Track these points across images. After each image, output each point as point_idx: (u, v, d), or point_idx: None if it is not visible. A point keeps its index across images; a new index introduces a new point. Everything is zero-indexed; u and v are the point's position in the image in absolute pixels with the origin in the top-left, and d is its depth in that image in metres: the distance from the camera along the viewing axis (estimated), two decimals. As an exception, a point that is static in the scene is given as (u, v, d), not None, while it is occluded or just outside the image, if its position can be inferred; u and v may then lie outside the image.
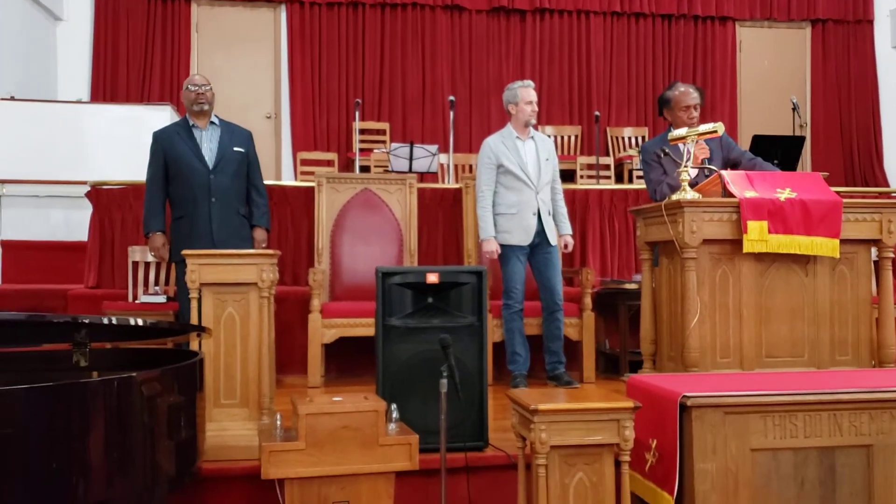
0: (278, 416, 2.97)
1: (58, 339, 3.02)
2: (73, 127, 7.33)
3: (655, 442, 2.94)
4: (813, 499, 2.84)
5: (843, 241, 3.90)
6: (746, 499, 2.79)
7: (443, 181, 7.90)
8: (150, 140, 4.72)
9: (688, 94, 4.54)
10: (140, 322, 2.83)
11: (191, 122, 4.68)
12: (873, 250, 4.12)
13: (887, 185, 9.42)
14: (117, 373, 2.48)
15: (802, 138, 7.38)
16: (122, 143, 7.06)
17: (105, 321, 2.69)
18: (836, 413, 2.87)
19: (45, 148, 7.10)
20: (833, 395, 2.87)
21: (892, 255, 4.08)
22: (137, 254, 5.51)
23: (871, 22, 9.82)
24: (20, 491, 2.18)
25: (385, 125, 9.01)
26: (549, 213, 4.92)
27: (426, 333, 3.45)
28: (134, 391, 2.41)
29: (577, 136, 9.19)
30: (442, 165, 7.92)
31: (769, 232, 3.78)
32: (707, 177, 4.23)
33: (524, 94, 4.90)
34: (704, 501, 2.76)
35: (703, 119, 4.67)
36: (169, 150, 4.63)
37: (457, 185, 6.19)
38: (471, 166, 8.17)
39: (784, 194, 3.85)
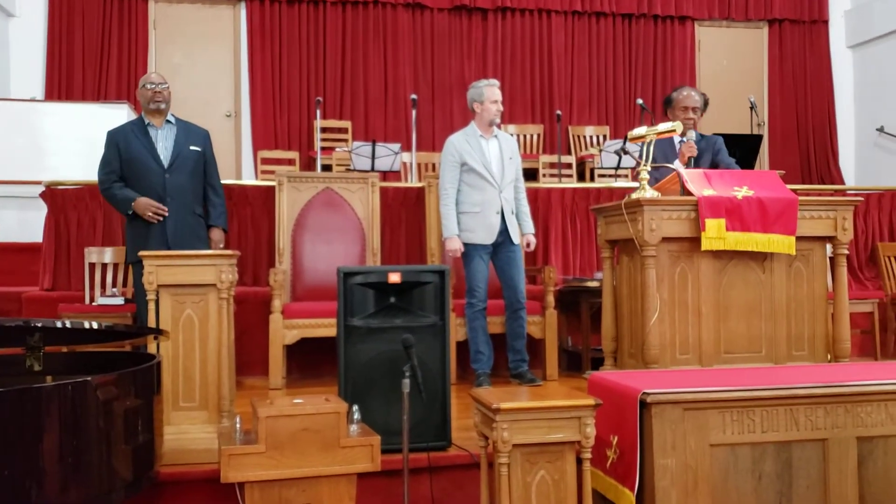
0: (238, 419, 2.94)
1: (10, 344, 2.95)
2: (28, 126, 7.19)
3: (616, 439, 2.97)
4: (770, 492, 2.88)
5: (798, 238, 3.97)
6: (706, 494, 2.82)
7: (405, 180, 7.88)
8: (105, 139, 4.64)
9: (690, 97, 4.67)
10: (95, 325, 2.78)
11: (146, 121, 4.61)
12: (828, 247, 4.20)
13: (843, 183, 9.59)
14: (72, 377, 2.44)
15: (760, 137, 7.51)
16: (78, 142, 6.94)
17: (59, 325, 2.64)
18: (792, 408, 2.91)
19: (-3, 147, 6.96)
20: (789, 391, 2.91)
21: (846, 251, 4.17)
22: (94, 255, 5.42)
23: (826, 22, 9.98)
24: (-29, 499, 2.14)
25: (347, 123, 8.96)
26: (513, 212, 4.93)
27: (388, 333, 3.44)
28: (89, 395, 2.37)
29: (539, 135, 9.22)
30: (404, 164, 7.91)
31: (727, 229, 3.84)
32: None
33: (490, 92, 4.90)
34: (664, 497, 2.78)
35: (665, 118, 4.75)
36: (124, 149, 4.56)
37: (420, 184, 6.18)
38: (434, 165, 8.16)
39: (741, 192, 3.91)
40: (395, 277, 3.46)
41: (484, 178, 4.84)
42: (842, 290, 4.17)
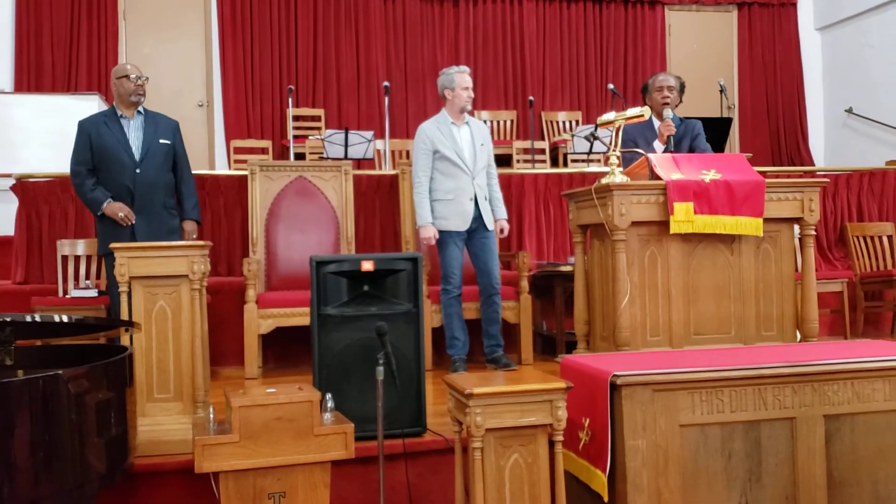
0: (212, 410, 2.95)
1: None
2: (-4, 118, 7.11)
3: (588, 421, 3.00)
4: (740, 471, 2.92)
5: (766, 220, 4.03)
6: (676, 474, 2.86)
7: (379, 167, 7.88)
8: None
9: (665, 79, 4.78)
10: (66, 318, 2.77)
11: (119, 112, 4.58)
12: (796, 228, 4.26)
13: (812, 164, 9.70)
14: (44, 371, 2.43)
15: (730, 120, 7.56)
16: (49, 134, 6.87)
17: (29, 318, 2.63)
18: (760, 387, 2.94)
19: (-34, 140, 6.88)
20: (757, 371, 2.95)
21: (813, 232, 4.23)
22: (67, 247, 5.38)
23: (794, 4, 10.07)
24: (-57, 495, 2.13)
25: (320, 111, 8.93)
26: (486, 199, 4.95)
27: (362, 321, 3.45)
28: (60, 389, 2.37)
29: (512, 121, 9.25)
30: (378, 151, 7.90)
31: (695, 213, 3.89)
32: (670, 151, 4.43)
33: (460, 79, 4.91)
34: (636, 478, 2.82)
35: (636, 102, 4.80)
36: (95, 140, 4.52)
37: (393, 172, 6.18)
38: (407, 152, 8.15)
39: (709, 176, 3.95)
40: (367, 266, 3.48)
41: (456, 165, 4.85)
42: (809, 270, 4.23)
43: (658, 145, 4.60)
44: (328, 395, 3.01)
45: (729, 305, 4.04)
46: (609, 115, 4.23)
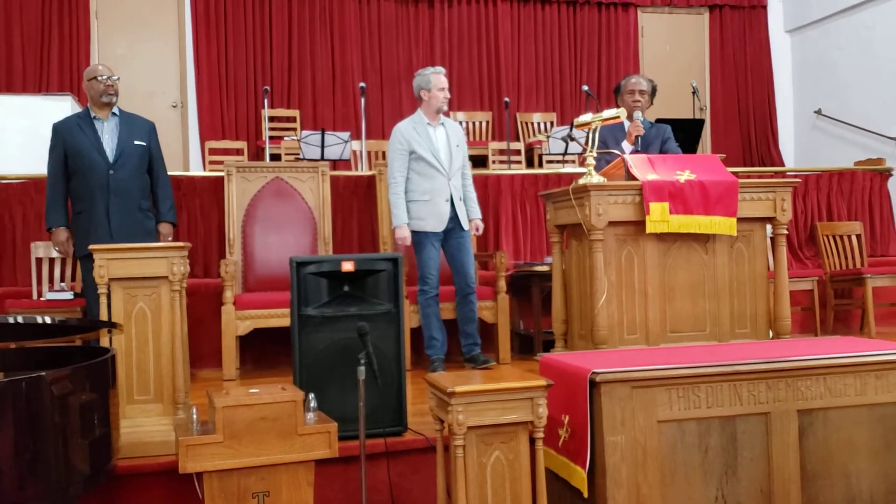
0: (194, 410, 2.95)
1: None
2: (-33, 119, 7.00)
3: (568, 418, 3.04)
4: (716, 465, 2.97)
5: (739, 220, 4.10)
6: (654, 468, 2.90)
7: (356, 168, 7.88)
8: (49, 132, 4.57)
9: (637, 82, 4.83)
10: (48, 320, 2.76)
11: (93, 114, 4.55)
12: (768, 227, 4.34)
13: (782, 165, 9.83)
14: (26, 373, 2.43)
15: (702, 121, 7.65)
16: (21, 135, 6.77)
17: (10, 320, 2.62)
18: (735, 384, 3.00)
19: (-64, 142, 6.77)
20: (733, 367, 3.01)
21: (785, 231, 4.31)
22: (41, 250, 5.33)
23: (764, 7, 10.20)
24: (-74, 498, 2.12)
25: (295, 112, 8.90)
26: (461, 199, 4.98)
27: (343, 322, 3.47)
28: (43, 391, 2.36)
29: (487, 122, 9.28)
30: (354, 152, 7.90)
31: (670, 213, 3.95)
32: (639, 152, 4.48)
33: (437, 80, 4.94)
34: (615, 473, 2.86)
35: (610, 103, 4.85)
36: (69, 143, 4.50)
37: (370, 172, 6.20)
38: (384, 153, 8.15)
39: (684, 176, 4.01)
40: (348, 266, 3.49)
41: (432, 166, 4.88)
42: (781, 269, 4.31)
43: (626, 145, 4.66)
44: (311, 395, 3.02)
45: (704, 304, 4.11)
46: (586, 117, 4.28)
